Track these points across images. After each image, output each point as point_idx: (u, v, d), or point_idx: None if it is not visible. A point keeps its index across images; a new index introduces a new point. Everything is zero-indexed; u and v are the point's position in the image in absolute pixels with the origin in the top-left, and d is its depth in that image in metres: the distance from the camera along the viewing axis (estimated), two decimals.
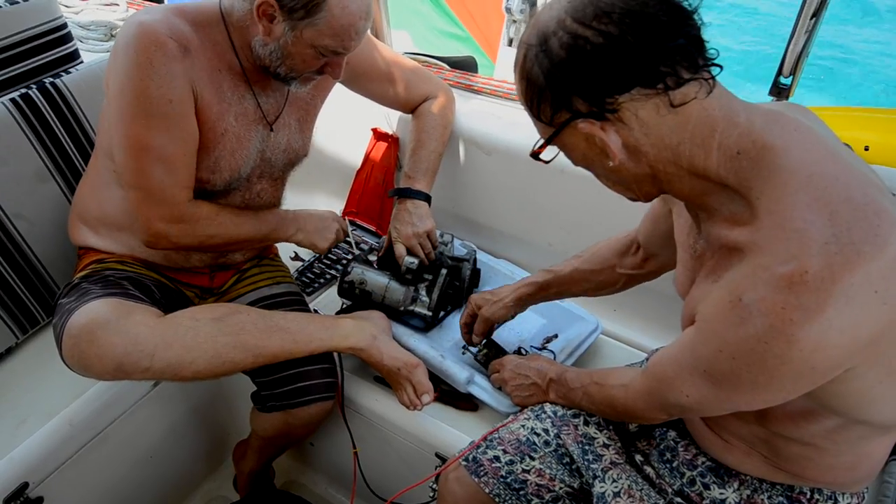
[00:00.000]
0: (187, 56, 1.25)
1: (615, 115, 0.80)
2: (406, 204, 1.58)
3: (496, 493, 1.18)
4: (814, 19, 1.37)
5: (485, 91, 1.85)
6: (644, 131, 0.81)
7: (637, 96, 0.79)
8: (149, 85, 1.21)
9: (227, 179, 1.39)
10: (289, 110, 1.45)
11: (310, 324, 1.38)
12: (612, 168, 0.86)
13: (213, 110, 1.31)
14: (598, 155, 0.86)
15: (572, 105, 0.82)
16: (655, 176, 0.86)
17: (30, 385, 1.51)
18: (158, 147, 1.26)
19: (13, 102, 1.51)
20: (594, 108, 0.81)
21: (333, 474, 1.82)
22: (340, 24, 1.19)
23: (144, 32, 1.21)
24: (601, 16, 0.78)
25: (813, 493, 1.01)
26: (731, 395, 0.86)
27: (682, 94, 0.79)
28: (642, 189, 0.90)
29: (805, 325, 0.74)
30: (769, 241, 0.77)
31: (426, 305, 1.54)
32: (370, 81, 1.60)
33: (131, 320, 1.19)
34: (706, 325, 0.86)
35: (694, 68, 0.79)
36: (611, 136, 0.82)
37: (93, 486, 1.52)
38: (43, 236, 1.58)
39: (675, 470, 1.10)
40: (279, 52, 1.25)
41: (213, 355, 1.25)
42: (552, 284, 1.38)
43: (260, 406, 1.48)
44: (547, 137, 0.89)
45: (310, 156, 1.55)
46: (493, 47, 3.58)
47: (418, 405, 1.40)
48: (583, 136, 0.84)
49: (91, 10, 2.49)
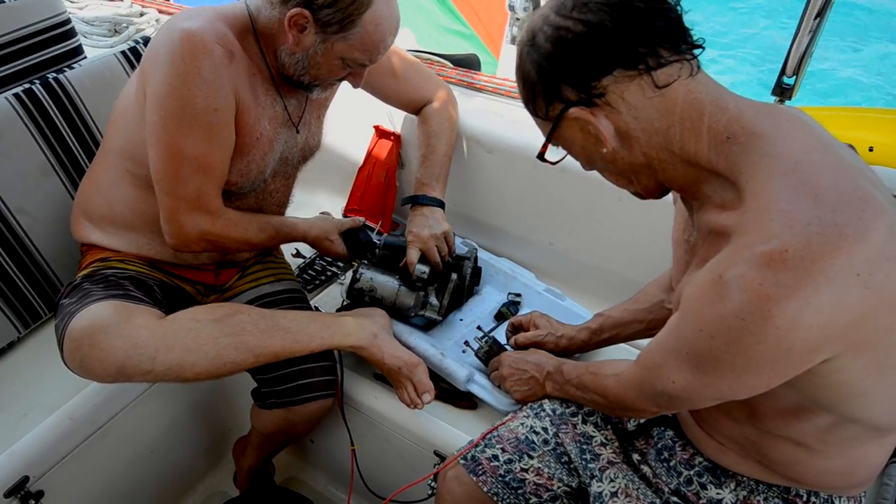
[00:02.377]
0: (233, 61, 1.25)
1: (603, 100, 0.84)
2: (422, 210, 1.58)
3: (494, 492, 1.18)
4: (817, 19, 1.36)
5: (487, 89, 1.85)
6: (633, 114, 0.84)
7: (620, 77, 0.83)
8: (196, 94, 1.20)
9: (252, 181, 1.40)
10: (310, 109, 1.47)
11: (310, 323, 1.38)
12: (609, 158, 0.88)
13: (251, 115, 1.32)
14: (594, 144, 0.88)
15: (563, 95, 0.86)
16: (650, 164, 0.88)
17: (31, 379, 1.51)
18: (200, 156, 1.26)
19: (17, 98, 1.51)
20: (582, 95, 0.85)
21: (333, 471, 1.83)
22: (373, 39, 1.22)
23: (191, 39, 1.19)
24: (580, 6, 0.83)
25: (809, 496, 1.00)
26: (714, 381, 0.86)
27: (666, 74, 0.82)
28: (641, 181, 0.91)
29: (781, 301, 0.74)
30: (753, 222, 0.78)
31: (436, 310, 1.54)
32: (373, 77, 1.60)
33: (132, 323, 1.19)
34: (688, 305, 0.86)
35: (674, 49, 0.83)
36: (601, 121, 0.85)
37: (93, 481, 1.52)
38: (45, 231, 1.59)
39: (672, 469, 1.10)
40: (305, 62, 1.26)
41: (215, 356, 1.25)
42: (605, 329, 1.37)
43: (260, 403, 1.49)
44: (547, 133, 0.91)
45: (314, 155, 1.57)
46: (497, 45, 3.57)
47: (419, 404, 1.40)
48: (577, 125, 0.87)
49: (95, 6, 2.49)
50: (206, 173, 1.29)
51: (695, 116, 0.83)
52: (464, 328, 1.58)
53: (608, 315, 1.38)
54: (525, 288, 1.67)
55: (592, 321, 1.40)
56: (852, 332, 0.77)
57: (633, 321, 1.34)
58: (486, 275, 1.70)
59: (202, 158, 1.26)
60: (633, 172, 0.90)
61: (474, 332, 1.51)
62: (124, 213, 1.42)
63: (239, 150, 1.33)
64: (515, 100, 1.79)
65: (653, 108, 0.83)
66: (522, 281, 1.68)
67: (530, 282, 1.69)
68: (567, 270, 1.75)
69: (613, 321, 1.36)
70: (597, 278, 1.69)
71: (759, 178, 0.79)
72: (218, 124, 1.25)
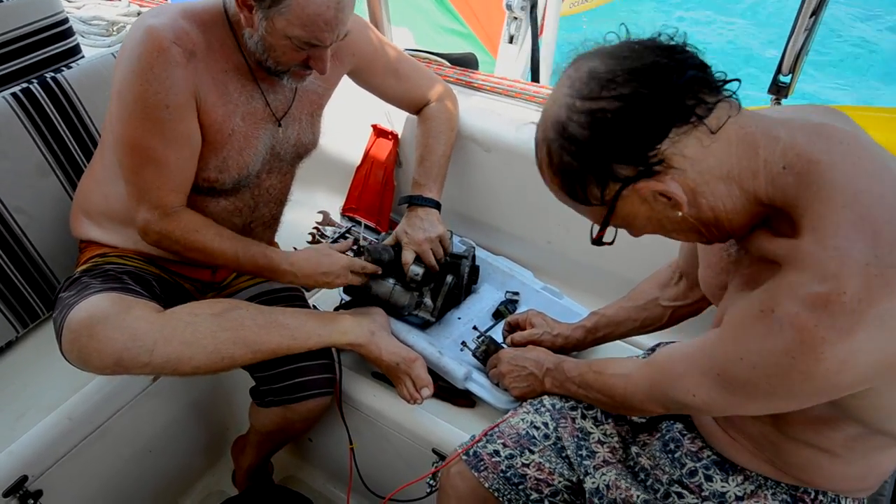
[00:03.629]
0: (192, 61, 1.25)
1: (663, 165, 0.81)
2: (417, 211, 1.57)
3: (495, 488, 1.18)
4: (813, 17, 1.36)
5: (485, 88, 1.85)
6: (696, 169, 0.81)
7: (676, 137, 0.79)
8: (147, 90, 1.23)
9: (235, 178, 1.40)
10: (298, 105, 1.45)
11: (309, 320, 1.38)
12: (680, 220, 0.85)
13: (218, 112, 1.32)
14: (664, 209, 0.85)
15: (617, 175, 0.82)
16: (717, 218, 0.85)
17: (29, 379, 1.52)
18: (150, 149, 1.28)
19: (14, 97, 1.51)
20: (641, 168, 0.81)
21: (332, 470, 1.83)
22: (307, 13, 1.18)
23: (150, 37, 1.22)
24: (606, 85, 0.80)
25: (817, 495, 1.00)
26: (743, 402, 0.87)
27: (717, 117, 0.80)
28: (712, 233, 0.89)
29: (836, 344, 0.73)
30: (809, 258, 0.76)
31: (429, 310, 1.54)
32: (373, 75, 1.60)
33: (131, 315, 1.20)
34: (731, 332, 0.86)
35: (715, 91, 0.81)
36: (671, 185, 0.81)
37: (92, 480, 1.52)
38: (43, 230, 1.59)
39: (676, 460, 1.10)
40: (262, 44, 1.26)
41: (213, 351, 1.25)
42: (599, 327, 1.38)
43: (258, 401, 1.49)
44: (605, 217, 0.88)
45: (310, 152, 1.56)
46: (495, 44, 3.58)
47: (418, 399, 1.41)
48: (639, 199, 0.84)
49: (92, 6, 2.49)
50: (158, 167, 1.29)
51: (751, 153, 0.81)
52: (462, 326, 1.58)
53: (603, 314, 1.38)
54: (523, 286, 1.67)
55: (588, 319, 1.40)
56: (894, 368, 0.77)
57: (627, 319, 1.35)
58: (483, 273, 1.70)
59: (152, 152, 1.28)
60: (703, 226, 0.88)
61: (472, 332, 1.51)
62: (120, 209, 1.43)
63: (211, 147, 1.34)
64: (513, 99, 1.79)
65: (712, 157, 0.81)
66: (520, 279, 1.69)
67: (528, 280, 1.69)
68: (564, 269, 1.75)
69: (608, 319, 1.37)
70: (594, 277, 1.70)
71: (817, 209, 0.77)
72: (170, 121, 1.26)
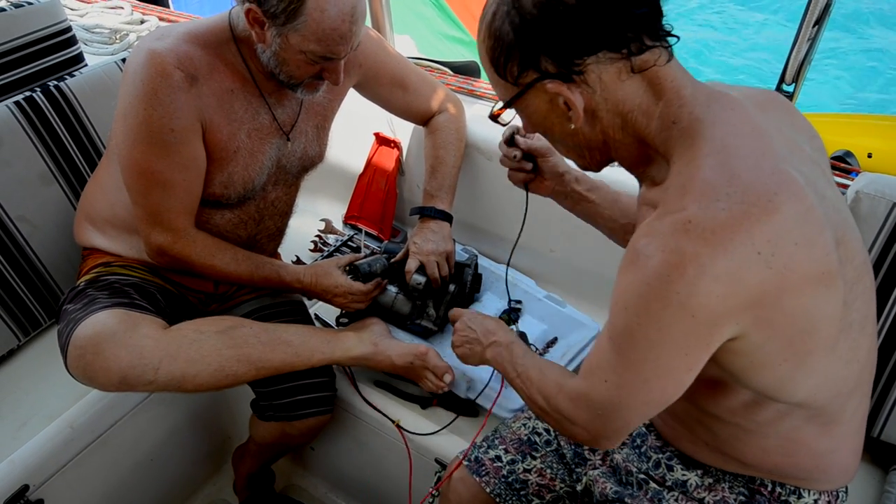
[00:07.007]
0: (194, 85, 1.26)
1: (581, 77, 0.83)
2: (430, 223, 1.57)
3: (497, 493, 1.18)
4: (816, 27, 1.37)
5: (487, 96, 1.85)
6: (604, 95, 0.85)
7: (603, 59, 0.82)
8: (151, 114, 1.23)
9: (241, 192, 1.40)
10: (305, 118, 1.45)
11: (312, 337, 1.38)
12: (571, 132, 0.88)
13: (223, 132, 1.32)
14: (560, 117, 0.88)
15: (540, 65, 0.84)
16: (605, 142, 0.89)
17: (31, 387, 1.51)
18: (157, 172, 1.28)
19: (17, 105, 1.52)
20: (562, 69, 0.83)
21: (333, 479, 1.82)
22: (322, 28, 1.19)
23: (152, 62, 1.22)
24: None
25: (774, 486, 0.99)
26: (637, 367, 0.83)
27: (643, 60, 0.83)
28: (594, 157, 0.93)
29: (679, 266, 0.76)
30: (671, 196, 0.81)
31: (432, 320, 1.54)
32: (380, 86, 1.59)
33: (137, 333, 1.20)
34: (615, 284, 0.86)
35: (655, 37, 0.83)
36: (577, 98, 0.84)
37: (93, 489, 1.52)
38: (46, 239, 1.59)
39: (643, 455, 1.11)
40: (275, 59, 1.25)
41: (217, 368, 1.25)
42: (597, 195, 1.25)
43: (259, 414, 1.49)
44: (510, 98, 0.89)
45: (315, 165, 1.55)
46: None
47: (443, 386, 1.41)
48: (547, 97, 0.86)
49: (95, 14, 2.50)
50: (167, 190, 1.30)
51: (653, 102, 0.85)
52: None
53: (608, 190, 1.26)
54: (525, 295, 1.67)
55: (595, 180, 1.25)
56: (755, 309, 0.78)
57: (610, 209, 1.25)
58: (486, 282, 1.70)
59: (159, 175, 1.28)
60: (587, 148, 0.91)
61: None
62: (126, 217, 1.43)
63: (217, 164, 1.34)
64: None
65: (621, 91, 0.84)
66: (523, 288, 1.68)
67: (531, 288, 1.68)
68: (567, 277, 1.75)
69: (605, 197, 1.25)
70: (597, 285, 1.69)
71: (686, 156, 0.82)
72: (175, 143, 1.26)
